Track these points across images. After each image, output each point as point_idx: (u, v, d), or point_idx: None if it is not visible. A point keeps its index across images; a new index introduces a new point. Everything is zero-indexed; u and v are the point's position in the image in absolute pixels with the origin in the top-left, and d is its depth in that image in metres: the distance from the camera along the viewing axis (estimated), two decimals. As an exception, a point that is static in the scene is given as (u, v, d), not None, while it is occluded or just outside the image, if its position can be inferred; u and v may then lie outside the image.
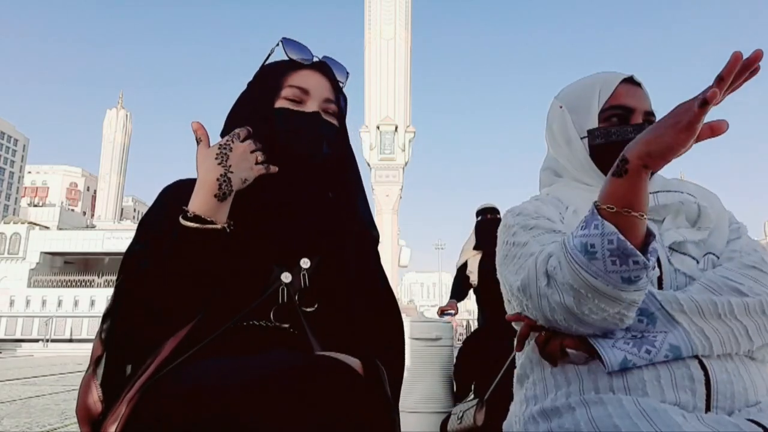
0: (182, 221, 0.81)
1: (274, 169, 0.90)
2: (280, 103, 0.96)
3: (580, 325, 0.84)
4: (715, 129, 0.74)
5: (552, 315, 0.86)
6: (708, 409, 0.81)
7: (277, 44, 1.00)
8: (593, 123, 1.07)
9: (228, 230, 0.83)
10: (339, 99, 1.02)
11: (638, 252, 0.76)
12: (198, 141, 0.87)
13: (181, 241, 0.81)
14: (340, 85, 1.03)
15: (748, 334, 0.85)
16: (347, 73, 1.05)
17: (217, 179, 0.83)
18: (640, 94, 1.07)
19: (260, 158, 0.89)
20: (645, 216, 0.78)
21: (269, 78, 0.99)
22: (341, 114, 1.02)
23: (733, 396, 0.82)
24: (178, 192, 0.92)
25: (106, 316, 0.83)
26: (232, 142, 0.86)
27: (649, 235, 0.79)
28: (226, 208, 0.84)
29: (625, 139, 1.01)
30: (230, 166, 0.84)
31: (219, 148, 0.85)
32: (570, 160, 1.11)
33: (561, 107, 1.12)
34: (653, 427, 0.74)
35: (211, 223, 0.82)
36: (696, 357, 0.84)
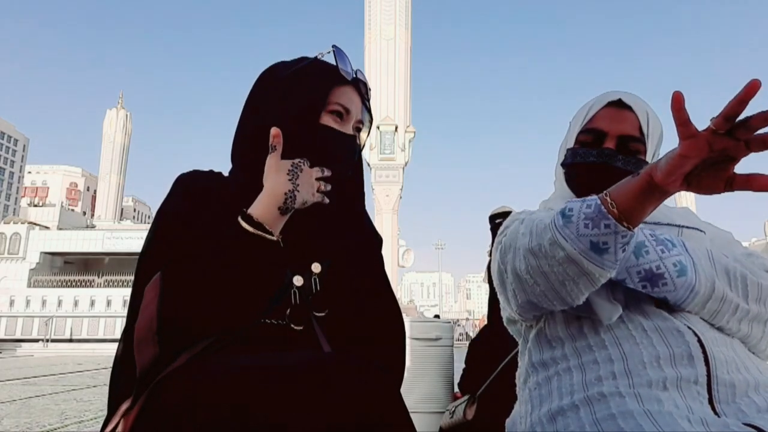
0: (243, 224, 0.83)
1: (326, 201, 0.91)
2: (325, 119, 0.96)
3: (539, 276, 0.87)
4: (756, 182, 0.68)
5: (519, 265, 0.90)
6: (709, 380, 0.82)
7: (329, 51, 1.00)
8: (572, 144, 1.10)
9: (280, 244, 0.85)
10: (366, 114, 1.04)
11: (610, 216, 0.77)
12: (273, 148, 0.88)
13: (235, 243, 0.82)
14: (368, 98, 1.04)
15: (747, 301, 0.91)
16: (369, 88, 1.06)
17: (285, 193, 0.85)
18: (621, 118, 1.05)
19: (323, 188, 0.90)
20: (626, 223, 0.77)
21: (316, 88, 0.97)
22: (366, 127, 1.05)
23: (727, 364, 0.84)
24: (200, 184, 0.93)
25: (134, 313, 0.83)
26: (303, 164, 0.88)
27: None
28: (282, 223, 0.86)
29: (586, 162, 1.05)
30: (298, 185, 0.87)
31: (292, 165, 0.87)
32: (556, 175, 1.16)
33: (570, 124, 1.15)
34: (656, 428, 0.74)
35: (270, 233, 0.84)
36: (696, 335, 0.86)
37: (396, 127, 16.54)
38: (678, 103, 0.67)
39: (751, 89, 0.62)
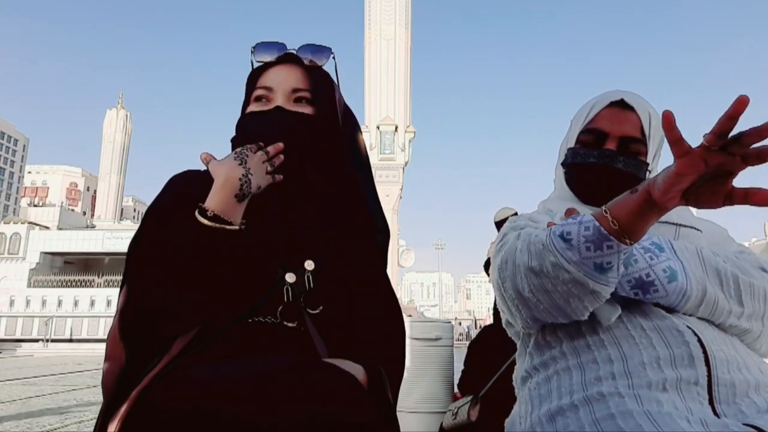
0: (200, 218, 0.81)
1: (278, 177, 0.90)
2: (250, 108, 0.98)
3: (542, 294, 0.87)
4: (755, 196, 0.67)
5: (521, 283, 0.89)
6: (710, 380, 0.82)
7: (252, 52, 1.00)
8: (573, 143, 1.09)
9: (244, 232, 0.84)
10: (316, 83, 0.99)
11: (611, 236, 0.77)
12: (207, 163, 0.88)
13: (197, 239, 0.81)
14: (319, 64, 1.01)
15: (741, 301, 0.90)
16: (329, 52, 1.02)
17: (240, 179, 0.84)
18: (623, 119, 1.04)
19: (269, 168, 0.89)
20: (627, 239, 0.77)
21: (246, 87, 1.02)
22: (323, 95, 0.99)
23: (727, 363, 0.84)
24: (188, 183, 0.92)
25: (118, 313, 0.83)
26: (247, 150, 0.88)
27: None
28: (242, 209, 0.85)
29: (587, 162, 1.04)
30: (249, 168, 0.85)
31: (235, 154, 0.86)
32: (556, 174, 1.15)
33: (571, 122, 1.14)
34: (655, 428, 0.74)
35: (230, 224, 0.82)
36: (696, 336, 0.86)
37: (396, 127, 16.53)
38: (669, 123, 0.67)
39: (740, 105, 0.62)
